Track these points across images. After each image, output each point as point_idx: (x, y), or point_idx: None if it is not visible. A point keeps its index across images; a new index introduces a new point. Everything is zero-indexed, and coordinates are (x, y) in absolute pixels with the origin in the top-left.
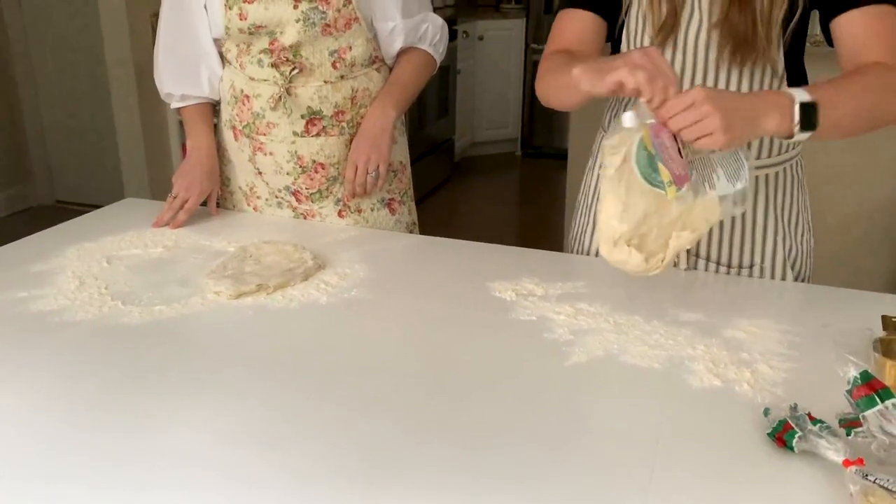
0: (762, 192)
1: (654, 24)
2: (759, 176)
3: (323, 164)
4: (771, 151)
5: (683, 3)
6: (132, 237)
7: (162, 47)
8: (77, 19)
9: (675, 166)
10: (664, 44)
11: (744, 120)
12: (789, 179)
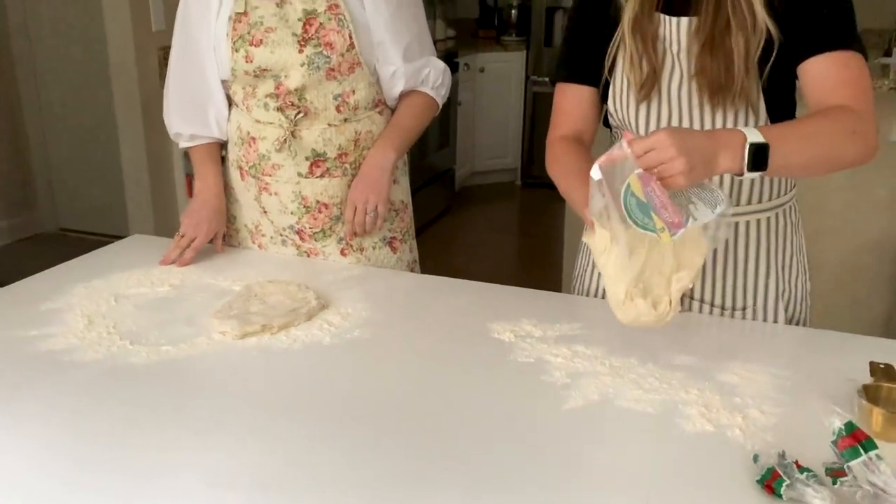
0: (756, 236)
1: (636, 82)
2: (752, 220)
3: (326, 204)
4: (762, 196)
5: (663, 61)
6: (139, 275)
7: (172, 88)
8: (85, 51)
9: (668, 213)
10: (648, 98)
11: (702, 160)
12: (783, 224)
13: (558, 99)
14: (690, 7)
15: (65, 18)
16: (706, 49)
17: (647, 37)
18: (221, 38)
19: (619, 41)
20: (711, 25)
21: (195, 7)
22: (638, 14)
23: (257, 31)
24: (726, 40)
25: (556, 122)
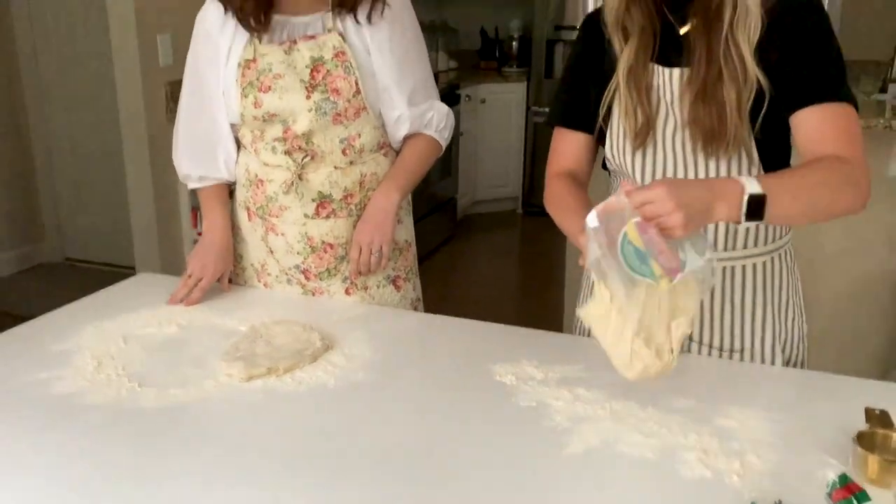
0: (752, 280)
1: (631, 131)
2: (748, 265)
3: (332, 245)
4: (757, 241)
5: (657, 110)
6: (147, 315)
7: (182, 131)
8: (93, 83)
9: (666, 259)
10: (644, 145)
11: (700, 211)
12: (778, 267)
13: (555, 142)
14: (683, 58)
15: (74, 50)
16: (699, 99)
17: (642, 86)
18: (231, 83)
19: (614, 90)
20: (704, 76)
21: (205, 53)
22: (633, 64)
23: (266, 77)
24: (718, 91)
25: (552, 161)
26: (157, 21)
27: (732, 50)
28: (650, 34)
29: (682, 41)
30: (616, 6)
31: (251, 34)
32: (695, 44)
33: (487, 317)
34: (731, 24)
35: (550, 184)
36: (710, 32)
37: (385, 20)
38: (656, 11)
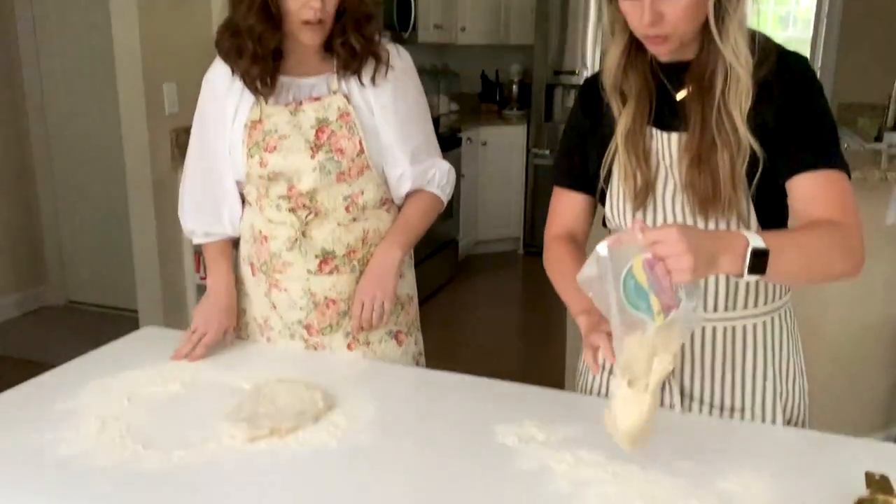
0: (752, 340)
1: (630, 193)
2: (748, 324)
3: (334, 300)
4: (757, 301)
5: (657, 172)
6: (151, 372)
7: (188, 188)
8: (99, 128)
9: (665, 297)
10: (643, 208)
11: (706, 259)
12: (778, 327)
13: (554, 201)
14: (680, 123)
15: (81, 97)
16: (694, 165)
17: (640, 150)
18: (237, 143)
19: (614, 153)
20: (698, 143)
21: (211, 112)
22: (631, 128)
23: (271, 138)
24: (712, 156)
25: (551, 222)
26: (164, 70)
27: (725, 117)
28: (647, 99)
29: (679, 106)
30: (614, 71)
31: (257, 97)
32: (690, 110)
33: (489, 363)
34: (723, 92)
35: (550, 247)
36: (703, 100)
37: (388, 81)
38: (653, 77)
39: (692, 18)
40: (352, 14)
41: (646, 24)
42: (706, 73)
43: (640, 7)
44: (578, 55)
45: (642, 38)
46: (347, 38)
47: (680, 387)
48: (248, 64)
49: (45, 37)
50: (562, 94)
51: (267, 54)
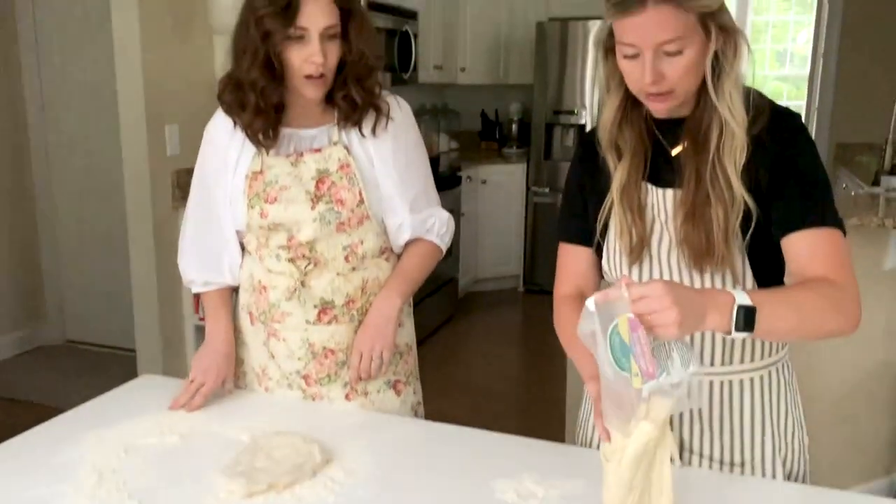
0: (750, 395)
1: (626, 248)
2: (745, 379)
3: (333, 350)
4: (754, 356)
5: (652, 227)
6: (149, 422)
7: (188, 237)
8: (102, 169)
9: (644, 362)
10: (639, 262)
11: (694, 315)
12: (775, 381)
13: (561, 258)
14: (675, 179)
15: (84, 138)
16: (688, 219)
17: (635, 205)
18: (238, 193)
19: (610, 208)
20: (693, 197)
21: (213, 163)
22: (626, 183)
23: (272, 189)
24: (706, 211)
25: (560, 279)
26: (166, 111)
27: (719, 172)
28: (642, 154)
29: (674, 162)
30: (609, 126)
31: (259, 149)
32: (685, 165)
33: (488, 404)
34: (717, 148)
35: (559, 308)
36: (698, 155)
37: (388, 133)
38: (648, 133)
39: (692, 77)
40: (353, 67)
41: (647, 84)
42: (701, 129)
43: (640, 66)
44: (577, 95)
45: (640, 96)
46: (349, 91)
47: (679, 440)
48: (250, 117)
49: (49, 73)
50: (561, 134)
51: (269, 108)
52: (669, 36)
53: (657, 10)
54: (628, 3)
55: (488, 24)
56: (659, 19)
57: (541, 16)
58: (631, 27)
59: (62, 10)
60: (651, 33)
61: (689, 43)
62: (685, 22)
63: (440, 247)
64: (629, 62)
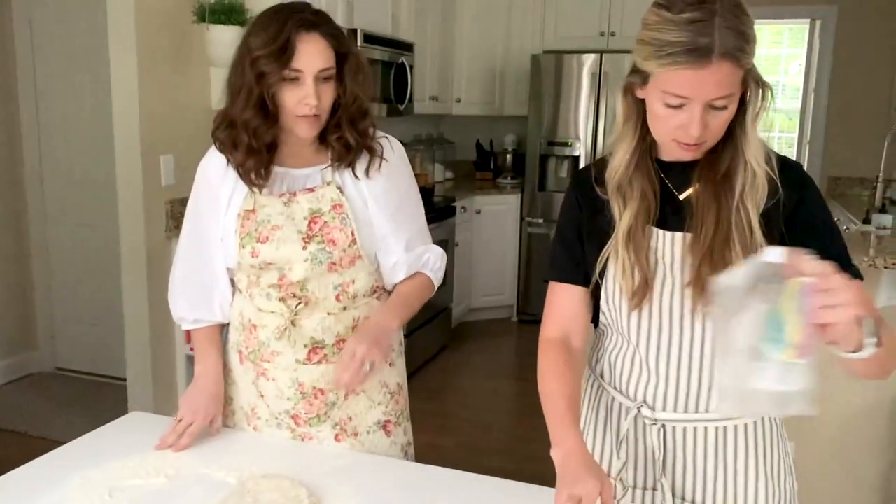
0: (744, 441)
1: (628, 291)
2: (739, 425)
3: (322, 390)
4: None
5: (655, 271)
6: (135, 463)
7: (179, 274)
8: (95, 198)
9: (805, 336)
10: (639, 307)
11: None
12: (767, 427)
13: (550, 296)
14: (681, 222)
15: (79, 166)
16: (705, 262)
17: (641, 249)
18: (230, 232)
19: (611, 249)
20: (711, 239)
21: (205, 200)
22: (633, 227)
23: (264, 228)
24: (726, 254)
25: (547, 320)
26: (161, 142)
27: (742, 214)
28: (650, 199)
29: (681, 206)
30: (622, 171)
31: (251, 188)
32: (697, 208)
33: (481, 435)
34: (741, 191)
35: (545, 352)
36: (718, 198)
37: (382, 174)
38: (656, 177)
39: (725, 128)
40: (347, 110)
41: (693, 137)
42: (719, 172)
43: (683, 116)
44: (571, 127)
45: (665, 141)
46: (343, 132)
47: (671, 486)
48: (243, 157)
49: (45, 102)
50: (555, 165)
51: (261, 147)
52: (724, 92)
53: (720, 66)
54: (694, 57)
55: (484, 55)
56: (720, 76)
57: (536, 49)
58: (687, 79)
59: (60, 39)
60: (708, 88)
61: (734, 98)
62: (737, 79)
63: (433, 281)
64: (669, 110)
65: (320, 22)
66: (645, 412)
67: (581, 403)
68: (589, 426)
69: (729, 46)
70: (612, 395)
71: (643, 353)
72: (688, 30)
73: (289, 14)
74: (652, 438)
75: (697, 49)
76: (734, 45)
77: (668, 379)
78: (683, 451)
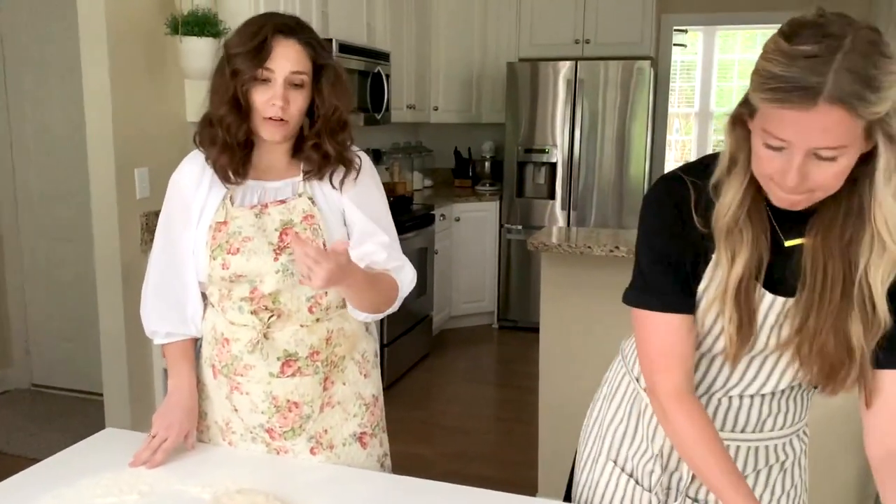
0: (775, 456)
1: (730, 350)
2: (770, 445)
3: (297, 403)
4: (784, 424)
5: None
6: (109, 480)
7: (151, 287)
8: (69, 211)
9: None
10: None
11: None
12: (797, 445)
13: (655, 331)
14: (788, 277)
15: (53, 180)
16: (829, 332)
17: (751, 303)
18: (201, 244)
19: (715, 297)
20: (837, 310)
21: (177, 212)
22: (742, 280)
23: (235, 240)
24: (846, 326)
25: (661, 360)
26: (136, 155)
27: (865, 288)
28: (762, 249)
29: (786, 255)
30: (731, 215)
31: (226, 186)
32: (814, 266)
33: (462, 443)
34: (867, 262)
35: (675, 412)
36: (843, 263)
37: (357, 186)
38: (767, 221)
39: (839, 181)
40: (326, 121)
41: (790, 187)
42: (845, 231)
43: (783, 161)
44: (548, 134)
45: (769, 184)
46: (321, 142)
47: (694, 498)
48: (217, 153)
49: (18, 115)
50: (532, 172)
51: (235, 144)
52: (831, 143)
53: (828, 112)
54: (793, 96)
55: (460, 64)
56: (826, 124)
57: (511, 56)
58: (790, 121)
59: (32, 52)
60: (811, 136)
61: (848, 151)
62: (854, 130)
63: (399, 292)
64: (770, 151)
65: (298, 29)
66: None
67: (609, 397)
68: (620, 425)
69: (844, 91)
70: (647, 401)
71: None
72: (799, 65)
73: (269, 18)
74: None
75: (804, 88)
76: (850, 89)
77: (711, 398)
78: None
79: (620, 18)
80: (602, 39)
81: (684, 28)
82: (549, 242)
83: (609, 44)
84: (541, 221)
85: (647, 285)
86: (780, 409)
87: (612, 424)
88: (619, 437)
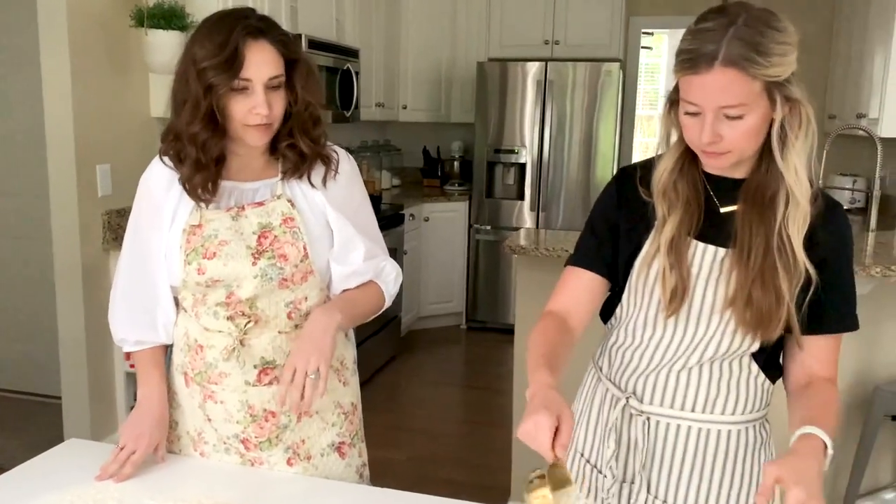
0: (725, 445)
1: (666, 299)
2: (723, 430)
3: (273, 413)
4: (735, 409)
5: (695, 282)
6: (74, 495)
7: (119, 293)
8: (29, 208)
9: None
10: (675, 314)
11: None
12: (752, 438)
13: (565, 278)
14: (719, 237)
15: (10, 177)
16: (756, 284)
17: (683, 257)
18: (174, 248)
19: (653, 255)
20: (761, 263)
21: (148, 215)
22: (675, 236)
23: (211, 244)
24: (774, 278)
25: (555, 297)
26: (98, 151)
27: (785, 241)
28: (694, 209)
29: (722, 220)
30: (665, 177)
31: (198, 203)
32: (742, 226)
33: (432, 446)
34: (784, 216)
35: (540, 320)
36: (763, 222)
37: (339, 183)
38: (702, 187)
39: (750, 142)
40: (299, 118)
41: (704, 143)
42: (764, 195)
43: (700, 124)
44: (517, 134)
45: (698, 152)
46: (296, 141)
47: (647, 482)
48: (190, 171)
49: None
50: (502, 172)
51: (209, 162)
52: (732, 101)
53: (723, 73)
54: (695, 62)
55: (429, 62)
56: (724, 83)
57: (481, 56)
58: (696, 86)
59: None
60: (714, 95)
61: (751, 109)
62: (749, 89)
63: (385, 294)
64: (690, 118)
65: (268, 29)
66: (633, 403)
67: (580, 396)
68: (583, 416)
69: (734, 54)
70: (606, 386)
71: (642, 348)
72: (700, 38)
73: (234, 21)
74: (636, 430)
75: (703, 55)
76: (740, 52)
77: (659, 373)
78: (664, 447)
79: (590, 20)
80: (572, 41)
81: (651, 31)
82: (526, 245)
83: (578, 45)
84: (509, 222)
85: (576, 247)
86: (729, 391)
87: (581, 410)
88: (583, 429)
